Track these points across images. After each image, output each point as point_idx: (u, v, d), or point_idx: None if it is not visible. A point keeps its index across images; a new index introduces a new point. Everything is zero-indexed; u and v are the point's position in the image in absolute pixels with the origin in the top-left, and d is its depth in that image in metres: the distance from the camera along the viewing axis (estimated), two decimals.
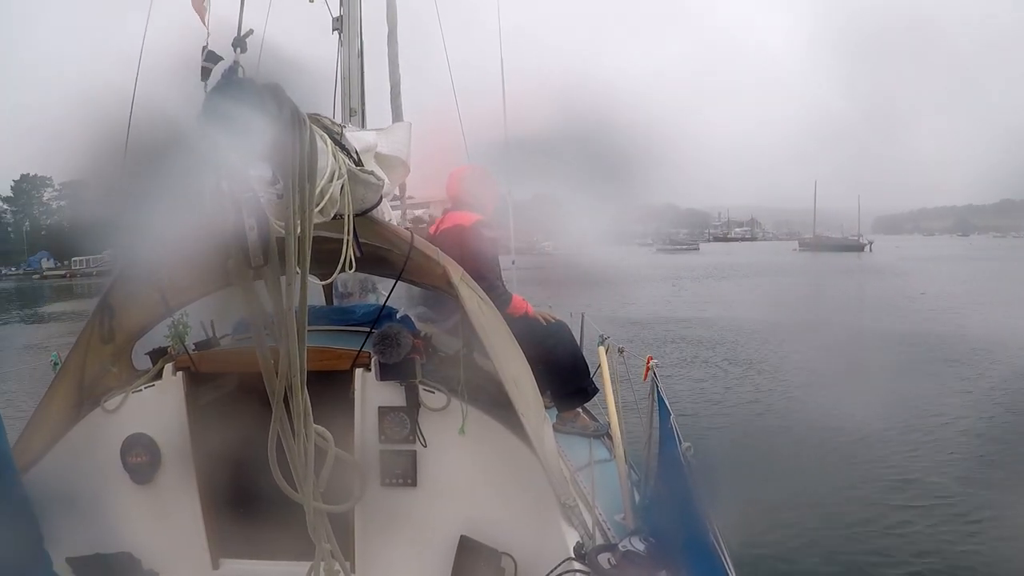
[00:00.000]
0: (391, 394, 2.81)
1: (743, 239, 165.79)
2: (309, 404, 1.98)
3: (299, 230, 1.69)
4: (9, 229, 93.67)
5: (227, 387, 3.11)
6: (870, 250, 77.64)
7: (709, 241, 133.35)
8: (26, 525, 1.13)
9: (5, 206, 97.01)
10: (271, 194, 1.65)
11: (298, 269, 1.73)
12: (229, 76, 1.54)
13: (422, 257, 2.76)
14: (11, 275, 79.86)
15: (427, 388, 2.79)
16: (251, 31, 1.66)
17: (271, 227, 1.64)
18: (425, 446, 2.77)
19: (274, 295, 1.74)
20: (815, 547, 5.60)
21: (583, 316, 5.43)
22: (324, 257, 2.19)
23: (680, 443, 2.57)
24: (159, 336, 3.13)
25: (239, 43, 1.61)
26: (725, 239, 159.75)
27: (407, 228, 3.78)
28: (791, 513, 5.88)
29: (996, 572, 5.34)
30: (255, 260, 1.61)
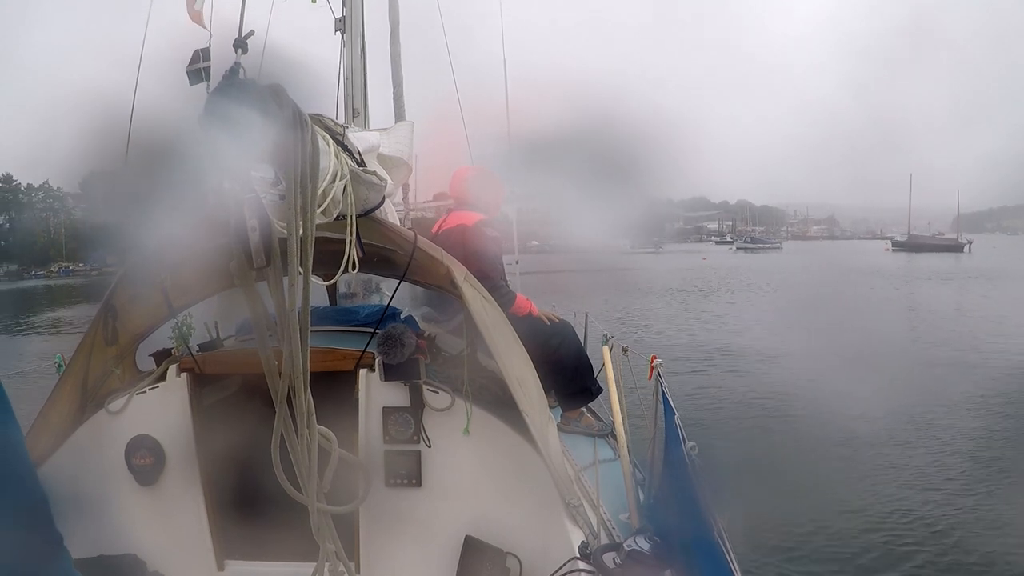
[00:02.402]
0: (395, 394, 2.81)
1: (822, 237, 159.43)
2: (312, 405, 1.98)
3: (301, 231, 1.68)
4: (78, 226, 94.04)
5: (231, 388, 3.11)
6: (969, 251, 70.13)
7: (787, 239, 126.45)
8: (42, 524, 1.13)
9: (74, 203, 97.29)
10: (274, 195, 1.65)
11: (300, 270, 1.73)
12: (230, 77, 1.54)
13: (426, 257, 2.76)
14: (79, 270, 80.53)
15: (431, 388, 2.79)
16: (252, 32, 1.66)
17: (273, 228, 1.64)
18: (429, 446, 2.77)
19: (276, 296, 1.73)
20: (820, 547, 5.58)
21: (587, 316, 5.43)
22: (327, 258, 2.19)
23: (684, 442, 2.56)
24: (163, 337, 3.14)
25: (240, 44, 1.61)
26: (804, 237, 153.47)
27: (410, 228, 3.78)
28: (796, 512, 5.86)
29: (1001, 573, 5.32)
30: (257, 261, 1.60)
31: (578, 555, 2.49)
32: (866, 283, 31.34)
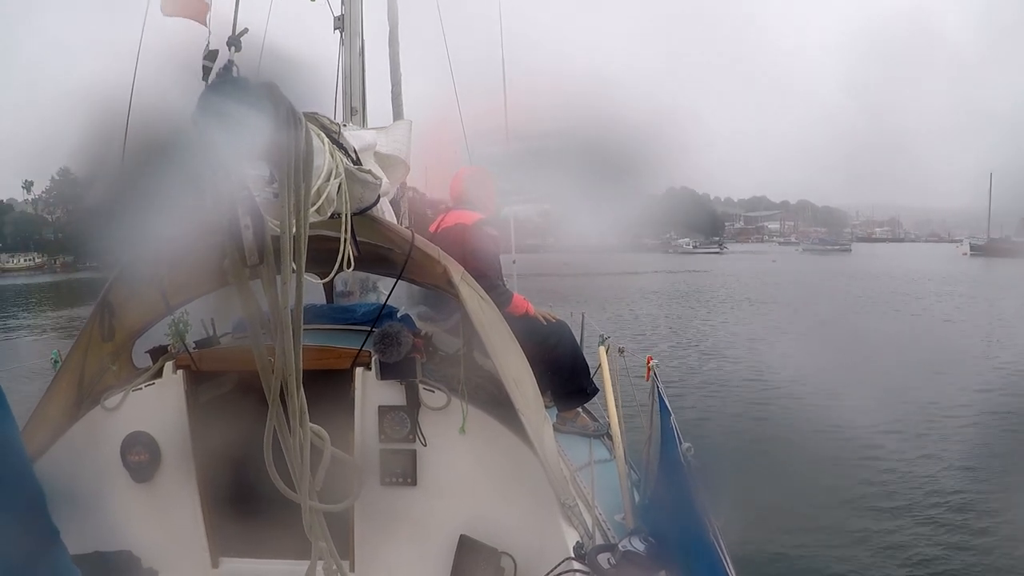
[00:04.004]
0: (391, 393, 2.81)
1: (887, 239, 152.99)
2: (305, 403, 1.98)
3: (294, 229, 1.68)
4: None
5: (227, 386, 3.11)
6: None
7: (852, 241, 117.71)
8: (38, 519, 1.13)
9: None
10: (268, 193, 1.65)
11: (294, 267, 1.73)
12: (224, 75, 1.54)
13: (423, 256, 2.76)
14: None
15: (427, 387, 2.79)
16: (246, 30, 1.66)
17: (267, 226, 1.64)
18: (425, 445, 2.77)
19: (270, 294, 1.73)
20: (815, 547, 5.59)
21: (583, 316, 5.43)
22: (324, 256, 2.19)
23: (680, 443, 2.57)
24: (159, 334, 3.13)
25: (234, 42, 1.61)
26: (869, 239, 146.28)
27: (407, 227, 3.78)
28: (791, 513, 5.87)
29: (997, 573, 5.33)
30: (251, 259, 1.60)
31: (573, 555, 2.49)
32: (975, 294, 27.84)
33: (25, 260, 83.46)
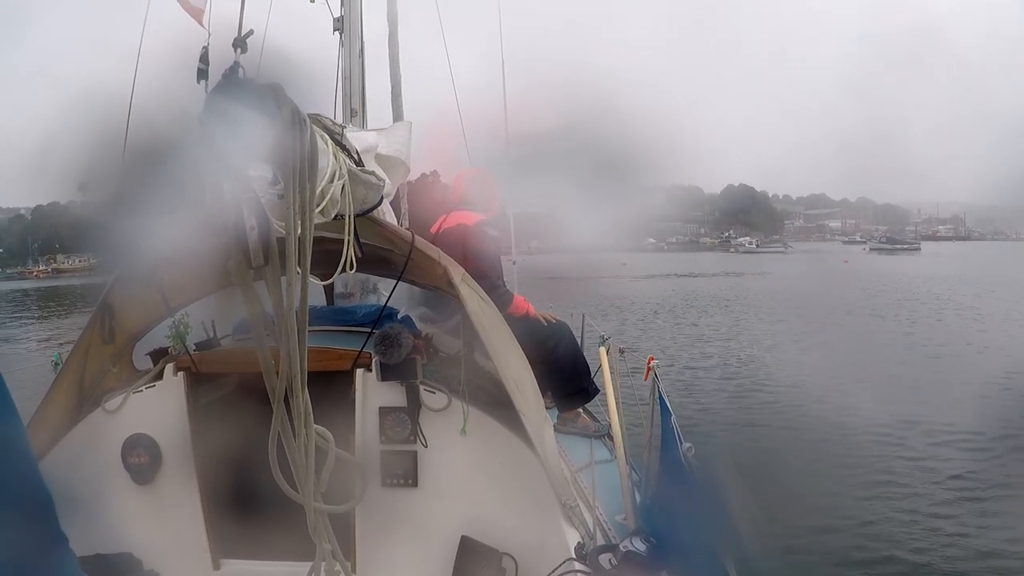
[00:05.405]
0: (392, 394, 2.81)
1: (953, 238, 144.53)
2: (310, 405, 1.98)
3: (299, 230, 1.68)
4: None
5: (228, 387, 3.11)
6: None
7: (917, 239, 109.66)
8: (44, 523, 1.12)
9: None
10: (272, 194, 1.65)
11: (299, 269, 1.73)
12: (230, 76, 1.54)
13: (423, 257, 2.76)
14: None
15: (428, 388, 2.79)
16: (251, 31, 1.66)
17: (272, 227, 1.64)
18: (426, 446, 2.77)
19: (274, 295, 1.73)
20: (816, 548, 5.59)
21: (583, 316, 5.44)
22: (324, 257, 2.19)
23: (681, 443, 2.57)
24: (160, 336, 3.13)
25: (240, 43, 1.62)
26: (933, 237, 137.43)
27: (407, 228, 3.78)
28: (792, 514, 5.86)
29: (997, 572, 5.33)
30: (256, 260, 1.60)
31: (574, 556, 2.49)
32: None
33: (80, 261, 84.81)
